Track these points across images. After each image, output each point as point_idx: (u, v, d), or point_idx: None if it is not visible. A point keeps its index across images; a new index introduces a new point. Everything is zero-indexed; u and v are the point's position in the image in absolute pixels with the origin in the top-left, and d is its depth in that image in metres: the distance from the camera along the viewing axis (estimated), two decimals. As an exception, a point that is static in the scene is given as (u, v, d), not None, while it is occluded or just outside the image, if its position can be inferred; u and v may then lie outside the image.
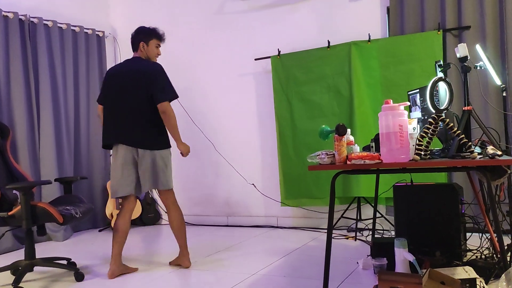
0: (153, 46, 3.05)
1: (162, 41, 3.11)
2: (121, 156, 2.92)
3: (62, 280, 2.95)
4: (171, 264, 3.17)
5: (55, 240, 4.31)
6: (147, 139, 2.90)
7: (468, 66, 2.43)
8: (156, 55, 3.08)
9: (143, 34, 3.03)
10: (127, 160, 2.92)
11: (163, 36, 3.11)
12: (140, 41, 3.02)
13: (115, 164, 2.95)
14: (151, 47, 3.04)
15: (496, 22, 3.55)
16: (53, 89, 4.48)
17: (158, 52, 3.10)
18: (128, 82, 2.90)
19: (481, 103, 3.56)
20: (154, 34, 3.06)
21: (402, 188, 2.82)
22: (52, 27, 4.48)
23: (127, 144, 2.90)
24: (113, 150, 2.98)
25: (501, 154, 1.96)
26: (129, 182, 2.93)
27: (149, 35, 3.04)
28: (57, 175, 4.37)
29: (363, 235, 3.82)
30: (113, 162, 2.97)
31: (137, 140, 2.89)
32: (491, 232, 2.61)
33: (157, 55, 3.11)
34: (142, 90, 2.87)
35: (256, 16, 4.55)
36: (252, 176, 4.60)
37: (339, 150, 2.12)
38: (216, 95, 4.77)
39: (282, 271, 2.87)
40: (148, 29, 3.05)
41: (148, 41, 3.04)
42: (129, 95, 2.89)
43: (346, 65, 3.98)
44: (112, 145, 2.99)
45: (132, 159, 2.92)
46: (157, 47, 3.08)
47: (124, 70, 2.95)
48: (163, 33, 3.11)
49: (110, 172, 3.04)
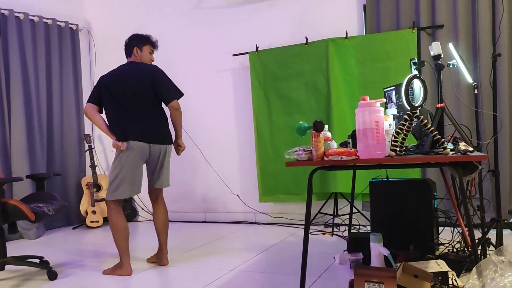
0: (146, 51, 3.05)
1: (155, 48, 3.13)
2: (138, 153, 2.84)
3: (34, 279, 2.88)
4: (148, 261, 3.14)
5: (27, 238, 4.21)
6: (164, 133, 2.95)
7: (441, 64, 2.48)
8: (149, 60, 3.08)
9: (137, 40, 3.04)
10: (142, 158, 2.88)
11: (156, 43, 3.13)
12: (133, 46, 3.02)
13: (128, 162, 2.82)
14: (145, 53, 3.04)
15: (469, 22, 3.64)
16: (25, 83, 4.35)
17: (151, 58, 3.10)
18: (133, 82, 2.86)
19: (453, 100, 3.65)
20: (148, 40, 3.08)
21: (378, 184, 2.86)
22: (23, 20, 4.35)
23: (156, 142, 2.90)
24: (125, 148, 2.83)
25: (473, 151, 2.01)
26: (141, 180, 2.94)
27: (143, 41, 3.06)
28: (29, 171, 4.26)
29: (339, 230, 3.87)
30: (125, 160, 2.82)
31: (161, 136, 2.92)
32: (463, 226, 2.68)
33: (151, 61, 3.11)
34: (149, 90, 2.88)
35: (234, 12, 4.53)
36: (230, 172, 4.59)
37: (316, 146, 2.14)
38: (194, 91, 4.73)
39: (260, 267, 2.88)
40: (142, 36, 3.07)
41: (142, 46, 3.04)
42: (139, 94, 2.86)
43: (323, 62, 4.01)
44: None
45: (145, 156, 2.89)
46: (150, 53, 3.09)
47: (127, 71, 2.91)
48: (156, 41, 3.14)
49: (117, 170, 2.83)
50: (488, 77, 3.41)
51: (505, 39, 3.49)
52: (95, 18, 5.19)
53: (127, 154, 2.81)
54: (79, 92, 4.95)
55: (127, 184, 2.83)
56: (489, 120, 3.52)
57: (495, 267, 1.94)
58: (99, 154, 5.20)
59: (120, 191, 2.82)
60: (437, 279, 2.18)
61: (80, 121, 4.94)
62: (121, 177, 2.81)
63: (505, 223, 2.72)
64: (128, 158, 2.81)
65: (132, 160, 2.82)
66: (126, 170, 2.82)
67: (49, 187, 4.53)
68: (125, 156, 2.81)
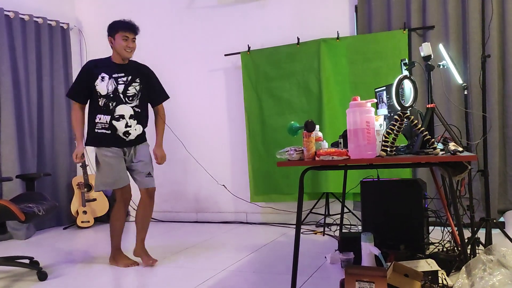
0: (119, 39, 2.88)
1: (130, 32, 2.90)
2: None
3: (24, 279, 2.86)
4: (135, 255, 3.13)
5: (16, 238, 4.16)
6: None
7: (431, 65, 2.49)
8: (124, 48, 2.89)
9: (108, 29, 2.92)
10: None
11: (130, 26, 2.89)
12: (108, 37, 2.93)
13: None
14: (117, 41, 2.88)
15: (459, 23, 3.67)
16: (15, 83, 4.31)
17: (127, 45, 2.90)
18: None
19: (443, 101, 3.68)
20: (118, 25, 2.88)
21: (369, 184, 2.88)
22: (13, 18, 4.31)
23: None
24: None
25: (462, 151, 2.03)
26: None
27: (113, 28, 2.88)
28: (19, 171, 4.21)
29: (331, 230, 3.89)
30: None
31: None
32: (452, 226, 2.71)
33: (127, 48, 2.91)
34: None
35: (226, 12, 4.52)
36: (222, 172, 4.58)
37: (307, 146, 2.14)
38: (185, 91, 4.71)
39: (251, 267, 2.88)
40: (112, 22, 2.91)
41: (114, 35, 2.89)
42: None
43: (315, 62, 4.02)
44: None
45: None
46: (124, 39, 2.89)
47: None
48: (129, 23, 2.89)
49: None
50: (477, 78, 3.45)
51: (494, 40, 3.53)
52: (86, 17, 5.15)
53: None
54: (70, 92, 4.91)
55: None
56: (478, 121, 3.55)
57: (484, 266, 1.97)
58: (90, 154, 5.16)
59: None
60: (427, 278, 2.20)
61: (70, 121, 4.90)
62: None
63: (494, 222, 2.75)
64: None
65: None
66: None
67: (39, 187, 4.47)
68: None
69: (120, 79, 2.96)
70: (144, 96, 3.05)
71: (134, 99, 2.99)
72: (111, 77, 2.95)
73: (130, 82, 2.99)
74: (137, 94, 3.00)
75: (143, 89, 3.04)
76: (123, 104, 2.95)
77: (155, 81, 3.14)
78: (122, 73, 2.97)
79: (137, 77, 3.01)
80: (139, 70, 3.07)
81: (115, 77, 2.95)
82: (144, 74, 3.07)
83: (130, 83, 2.98)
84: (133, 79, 3.00)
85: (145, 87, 3.06)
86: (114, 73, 2.96)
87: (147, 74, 3.10)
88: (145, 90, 3.06)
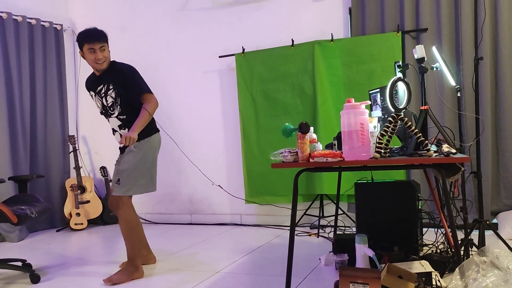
0: (87, 52, 2.69)
1: (95, 42, 2.66)
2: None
3: (17, 282, 2.83)
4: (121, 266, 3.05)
5: (9, 241, 4.13)
6: None
7: (425, 67, 2.51)
8: (93, 61, 2.69)
9: (78, 42, 2.74)
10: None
11: (94, 35, 2.66)
12: (79, 51, 2.76)
13: (152, 158, 2.90)
14: (86, 55, 2.71)
15: (452, 25, 3.70)
16: (7, 84, 4.28)
17: (96, 57, 2.69)
18: None
19: (437, 103, 3.70)
20: (82, 37, 2.68)
21: (363, 186, 2.89)
22: (6, 19, 4.28)
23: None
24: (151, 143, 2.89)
25: (456, 152, 2.04)
26: None
27: (78, 41, 2.71)
28: (12, 173, 4.19)
29: (325, 231, 3.89)
30: (149, 155, 2.86)
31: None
32: (446, 227, 2.72)
33: (97, 60, 2.70)
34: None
35: (221, 13, 4.52)
36: (216, 174, 4.58)
37: (302, 148, 2.14)
38: (180, 92, 4.71)
39: (246, 269, 2.88)
40: (78, 34, 2.73)
41: (82, 48, 2.72)
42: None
43: (309, 64, 4.03)
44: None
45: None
46: (91, 52, 2.68)
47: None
48: (93, 31, 2.68)
49: (142, 166, 2.82)
50: (470, 80, 3.47)
51: (487, 43, 3.55)
52: (80, 18, 5.13)
53: (149, 149, 2.88)
54: (63, 93, 4.88)
55: (154, 178, 2.97)
56: (471, 123, 3.57)
57: (478, 267, 1.98)
58: (84, 156, 5.14)
59: (151, 185, 2.94)
60: (421, 279, 2.21)
61: (64, 122, 4.88)
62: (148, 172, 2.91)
63: (487, 224, 2.77)
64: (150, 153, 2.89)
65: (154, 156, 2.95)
66: (148, 166, 2.92)
67: (32, 189, 4.45)
68: (149, 152, 2.89)
69: (101, 93, 2.83)
70: (123, 99, 2.79)
71: (114, 107, 2.80)
72: (95, 93, 2.86)
73: (106, 92, 2.80)
74: (115, 101, 2.79)
75: (118, 93, 2.78)
76: (110, 117, 2.86)
77: (127, 78, 2.77)
78: (101, 85, 2.82)
79: (109, 83, 2.78)
80: (111, 74, 2.80)
81: (98, 91, 2.84)
82: (115, 76, 2.78)
83: (106, 93, 2.80)
84: (108, 88, 2.79)
85: (120, 89, 2.77)
86: (96, 87, 2.84)
87: (118, 74, 2.78)
88: (122, 91, 2.77)
